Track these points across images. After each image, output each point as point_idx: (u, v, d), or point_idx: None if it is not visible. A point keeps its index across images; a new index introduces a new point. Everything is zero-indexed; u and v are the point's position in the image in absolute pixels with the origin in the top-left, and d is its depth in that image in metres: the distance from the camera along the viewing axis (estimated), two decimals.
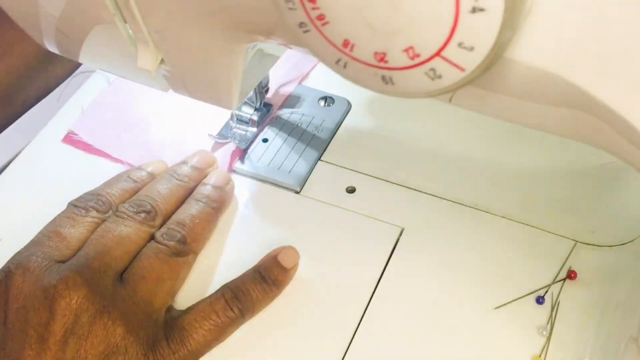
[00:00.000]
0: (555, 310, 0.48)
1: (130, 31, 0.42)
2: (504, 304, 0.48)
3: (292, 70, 0.65)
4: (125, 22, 0.41)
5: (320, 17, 0.27)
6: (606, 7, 0.27)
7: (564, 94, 0.30)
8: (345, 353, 0.47)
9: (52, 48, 0.50)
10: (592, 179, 0.56)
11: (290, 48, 0.38)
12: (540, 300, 0.48)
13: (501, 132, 0.59)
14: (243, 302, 0.48)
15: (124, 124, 0.62)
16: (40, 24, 0.46)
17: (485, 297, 0.49)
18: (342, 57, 0.27)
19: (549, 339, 0.47)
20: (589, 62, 0.29)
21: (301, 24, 0.27)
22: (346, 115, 0.62)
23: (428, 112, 0.61)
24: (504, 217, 0.54)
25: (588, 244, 0.51)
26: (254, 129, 0.60)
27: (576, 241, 0.52)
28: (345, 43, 0.27)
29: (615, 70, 0.29)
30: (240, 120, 0.60)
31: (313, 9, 0.27)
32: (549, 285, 0.49)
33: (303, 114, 0.62)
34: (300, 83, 0.64)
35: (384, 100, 0.63)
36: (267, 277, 0.49)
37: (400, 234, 0.53)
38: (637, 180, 0.53)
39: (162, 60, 0.43)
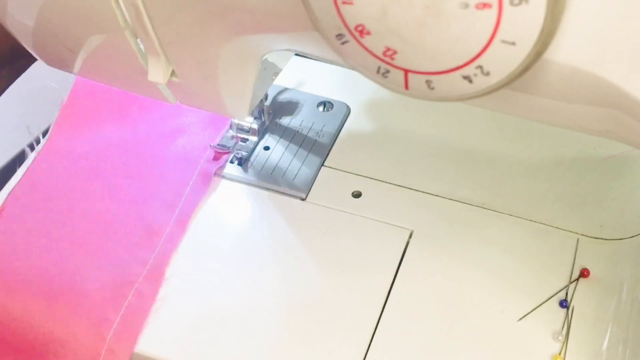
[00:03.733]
0: (571, 310, 0.48)
1: (141, 45, 0.41)
2: (528, 314, 0.48)
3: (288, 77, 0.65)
4: (136, 35, 0.40)
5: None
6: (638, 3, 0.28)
7: (597, 92, 0.30)
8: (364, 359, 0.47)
9: (51, 62, 0.49)
10: (596, 172, 0.56)
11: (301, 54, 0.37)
12: (564, 304, 0.48)
13: (503, 130, 0.59)
14: None
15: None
16: (41, 40, 0.45)
17: (498, 298, 0.49)
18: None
19: (566, 339, 0.47)
20: (623, 59, 0.29)
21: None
22: (346, 119, 0.62)
23: (428, 112, 0.61)
24: (511, 215, 0.54)
25: (597, 238, 0.52)
26: (255, 138, 0.60)
27: (585, 236, 0.52)
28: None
29: None
30: (240, 129, 0.59)
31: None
32: (567, 286, 0.49)
33: (303, 120, 0.61)
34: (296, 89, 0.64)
35: (383, 102, 0.63)
36: None
37: (410, 237, 0.53)
38: None
39: (172, 72, 0.42)
